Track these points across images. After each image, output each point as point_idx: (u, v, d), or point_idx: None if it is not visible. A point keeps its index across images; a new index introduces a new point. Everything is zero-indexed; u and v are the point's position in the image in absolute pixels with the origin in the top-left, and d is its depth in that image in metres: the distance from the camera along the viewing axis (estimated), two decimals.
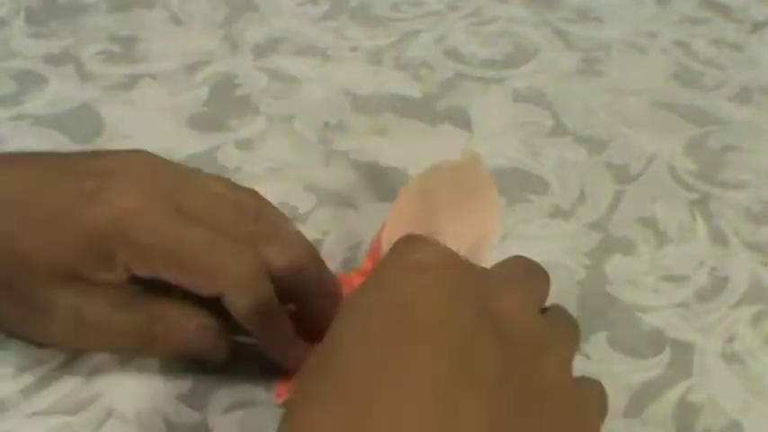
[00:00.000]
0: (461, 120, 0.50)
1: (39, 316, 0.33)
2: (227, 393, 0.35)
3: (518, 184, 0.46)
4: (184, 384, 0.35)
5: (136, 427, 0.34)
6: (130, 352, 0.35)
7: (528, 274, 0.30)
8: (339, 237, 0.42)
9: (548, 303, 0.30)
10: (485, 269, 0.29)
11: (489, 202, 0.39)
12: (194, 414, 0.34)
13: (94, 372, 0.35)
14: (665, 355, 0.37)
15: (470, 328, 0.25)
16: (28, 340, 0.35)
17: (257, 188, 0.45)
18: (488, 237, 0.39)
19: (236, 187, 0.37)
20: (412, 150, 0.47)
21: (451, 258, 0.27)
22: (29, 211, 0.32)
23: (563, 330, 0.30)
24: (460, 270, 0.27)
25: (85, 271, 0.33)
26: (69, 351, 0.36)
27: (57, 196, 0.32)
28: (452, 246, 0.28)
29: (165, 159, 0.36)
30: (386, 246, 0.37)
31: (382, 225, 0.39)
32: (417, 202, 0.38)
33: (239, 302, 0.33)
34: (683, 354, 0.38)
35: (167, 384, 0.35)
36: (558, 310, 0.31)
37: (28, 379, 0.35)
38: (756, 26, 0.58)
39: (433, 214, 0.38)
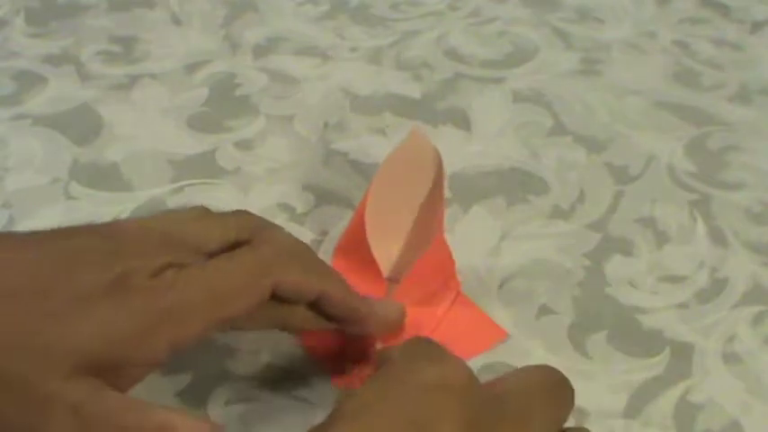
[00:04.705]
0: (461, 120, 0.50)
1: (35, 416, 0.28)
2: (226, 389, 0.35)
3: (518, 185, 0.46)
4: (183, 380, 0.36)
5: None
6: None
7: (549, 396, 0.28)
8: (338, 237, 0.42)
9: (547, 303, 0.30)
10: (504, 395, 0.27)
11: (432, 167, 0.40)
12: (194, 411, 0.34)
13: None
14: (665, 356, 0.37)
15: None
16: None
17: (257, 188, 0.45)
18: (440, 194, 0.40)
19: (223, 221, 0.33)
20: None
21: (471, 380, 0.26)
22: (53, 299, 0.28)
23: None
24: (478, 396, 0.26)
25: (122, 356, 0.29)
26: None
27: (84, 280, 0.29)
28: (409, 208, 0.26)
29: (161, 220, 0.32)
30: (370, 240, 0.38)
31: (348, 229, 0.40)
32: (383, 196, 0.39)
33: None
34: (683, 354, 0.38)
35: (166, 381, 0.35)
36: None
37: None
38: (756, 26, 0.58)
39: (399, 201, 0.39)
